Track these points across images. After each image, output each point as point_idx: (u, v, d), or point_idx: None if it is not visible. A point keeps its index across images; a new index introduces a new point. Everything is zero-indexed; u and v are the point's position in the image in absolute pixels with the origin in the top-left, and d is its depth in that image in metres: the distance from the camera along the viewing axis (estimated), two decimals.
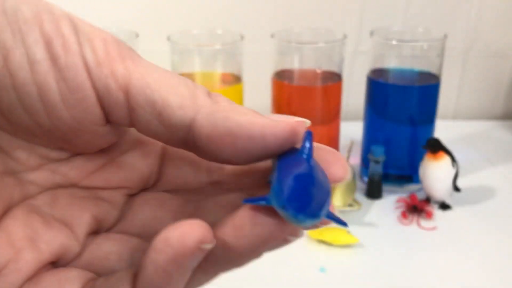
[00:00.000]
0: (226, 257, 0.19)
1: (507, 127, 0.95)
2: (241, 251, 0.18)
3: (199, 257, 0.17)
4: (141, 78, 0.19)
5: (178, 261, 0.17)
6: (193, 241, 0.17)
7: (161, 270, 0.17)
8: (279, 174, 0.18)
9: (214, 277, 0.19)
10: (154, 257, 0.17)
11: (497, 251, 0.59)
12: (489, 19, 0.93)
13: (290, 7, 0.90)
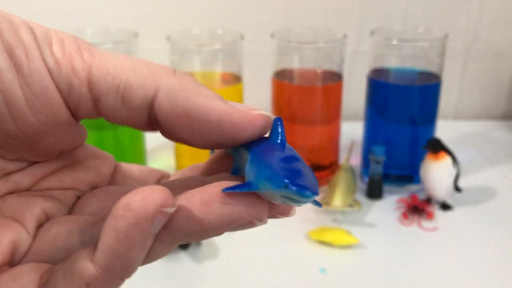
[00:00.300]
0: (188, 229, 0.18)
1: (508, 127, 0.95)
2: (205, 225, 0.18)
3: (160, 222, 0.17)
4: (100, 67, 0.19)
5: (140, 226, 0.17)
6: (154, 205, 0.17)
7: (123, 236, 0.17)
8: (263, 159, 0.18)
9: (173, 247, 0.19)
10: (115, 223, 0.17)
11: (499, 252, 0.59)
12: (489, 19, 0.93)
13: (290, 7, 0.90)
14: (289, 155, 0.19)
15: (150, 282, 0.54)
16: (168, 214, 0.17)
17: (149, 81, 0.19)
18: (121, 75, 0.19)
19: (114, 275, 0.18)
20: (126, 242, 0.17)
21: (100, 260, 0.17)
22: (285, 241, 0.61)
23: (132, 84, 0.19)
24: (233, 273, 0.56)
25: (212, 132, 0.19)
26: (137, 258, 0.18)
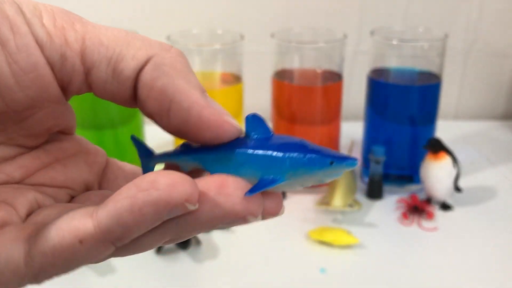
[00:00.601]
0: (183, 219, 0.18)
1: (508, 127, 0.95)
2: (199, 216, 0.18)
3: (176, 213, 0.17)
4: (93, 37, 0.19)
5: (158, 208, 0.16)
6: (181, 195, 0.17)
7: (137, 208, 0.16)
8: (281, 149, 0.18)
9: (161, 242, 0.19)
10: (134, 193, 0.16)
11: (499, 251, 0.59)
12: (489, 19, 0.93)
13: (290, 7, 0.90)
14: (296, 141, 0.19)
15: (151, 281, 0.54)
16: (187, 209, 0.17)
17: (142, 52, 0.19)
18: (114, 46, 0.19)
19: (108, 239, 0.17)
20: (136, 216, 0.17)
21: (102, 220, 0.17)
22: (285, 241, 0.61)
23: (125, 55, 0.19)
24: (233, 273, 0.56)
25: (179, 117, 0.19)
26: (136, 234, 0.17)
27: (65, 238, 0.17)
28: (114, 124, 0.67)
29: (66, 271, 0.18)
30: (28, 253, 0.18)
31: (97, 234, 0.17)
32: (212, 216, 0.18)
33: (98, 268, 0.56)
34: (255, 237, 0.62)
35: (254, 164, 0.19)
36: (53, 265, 0.18)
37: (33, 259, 0.17)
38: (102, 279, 0.54)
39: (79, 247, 0.17)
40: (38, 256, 0.17)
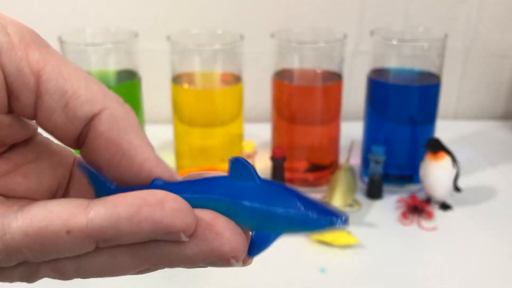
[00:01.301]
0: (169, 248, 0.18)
1: (507, 127, 0.95)
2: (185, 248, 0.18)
3: (168, 238, 0.17)
4: (56, 66, 0.19)
5: (156, 227, 0.17)
6: (182, 224, 0.17)
7: (137, 221, 0.17)
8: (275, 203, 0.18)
9: (137, 266, 0.19)
10: (140, 205, 0.17)
11: (498, 251, 0.59)
12: (489, 19, 0.93)
13: (290, 7, 0.90)
14: (290, 191, 0.19)
15: (151, 281, 0.54)
16: (180, 239, 0.17)
17: (99, 98, 0.19)
18: (73, 82, 0.19)
19: (96, 238, 0.17)
20: (133, 226, 0.17)
21: (97, 218, 0.17)
22: (285, 241, 0.61)
23: (82, 94, 0.19)
24: (233, 273, 0.56)
25: (129, 171, 0.19)
26: (123, 242, 0.18)
27: (53, 223, 0.17)
28: None
29: (39, 258, 0.18)
30: (6, 227, 0.17)
31: (88, 230, 0.17)
32: (197, 251, 0.18)
33: None
34: None
35: (250, 218, 0.18)
36: (30, 248, 0.17)
37: (12, 236, 0.17)
38: (102, 278, 0.54)
39: (64, 237, 0.17)
40: (19, 234, 0.17)
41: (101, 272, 0.19)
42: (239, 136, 0.72)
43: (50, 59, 0.19)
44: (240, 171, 0.19)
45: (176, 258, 0.18)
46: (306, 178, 0.72)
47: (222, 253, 0.18)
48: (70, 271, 0.19)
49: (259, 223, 0.18)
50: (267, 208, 0.18)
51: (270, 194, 0.18)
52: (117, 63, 0.69)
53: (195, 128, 0.69)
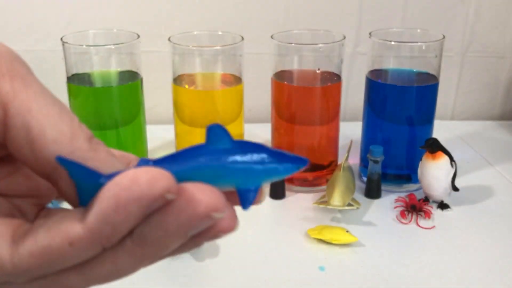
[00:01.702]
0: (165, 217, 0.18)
1: (504, 127, 0.96)
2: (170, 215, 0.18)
3: (158, 205, 0.17)
4: (25, 101, 0.18)
5: (141, 203, 0.17)
6: (161, 187, 0.17)
7: (122, 206, 0.17)
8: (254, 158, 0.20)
9: (141, 263, 0.19)
10: (118, 192, 0.17)
11: (495, 250, 0.60)
12: (486, 20, 0.94)
13: (289, 8, 0.91)
14: (261, 147, 0.21)
15: (152, 280, 0.55)
16: (168, 199, 0.17)
17: (65, 139, 0.18)
18: (40, 119, 0.18)
19: (98, 240, 0.18)
20: (122, 213, 0.17)
21: (90, 223, 0.17)
22: (284, 240, 0.61)
23: (47, 134, 0.18)
24: (233, 271, 0.56)
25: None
26: (124, 231, 0.18)
27: (55, 240, 0.17)
28: (117, 124, 0.68)
29: (53, 271, 0.19)
30: (15, 252, 0.18)
31: (87, 236, 0.17)
32: (179, 223, 0.18)
33: None
34: (254, 236, 0.62)
35: (232, 177, 0.20)
36: (40, 266, 0.18)
37: (20, 258, 0.18)
38: None
39: (69, 249, 0.18)
40: (26, 256, 0.18)
41: (107, 277, 0.20)
42: (240, 136, 0.72)
43: (21, 92, 0.18)
44: (216, 136, 0.20)
45: (166, 240, 0.18)
46: (306, 177, 0.72)
47: (199, 215, 0.18)
48: (76, 282, 0.19)
49: (240, 180, 0.20)
50: (245, 166, 0.20)
51: (245, 153, 0.20)
52: (119, 64, 0.69)
53: (196, 128, 0.70)
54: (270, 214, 0.68)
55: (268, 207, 0.69)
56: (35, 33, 0.88)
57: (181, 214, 0.18)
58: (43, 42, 0.88)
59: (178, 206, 0.18)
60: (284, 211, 0.68)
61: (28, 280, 0.19)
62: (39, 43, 0.89)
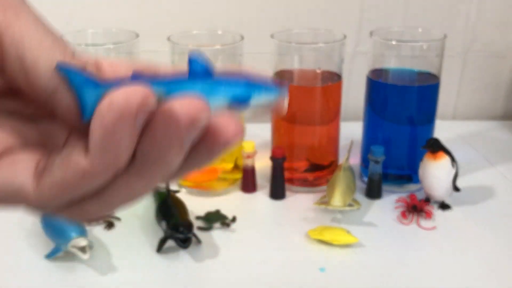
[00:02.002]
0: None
1: (506, 127, 0.96)
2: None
3: (142, 117, 0.18)
4: (17, 32, 0.19)
5: (125, 120, 0.18)
6: (137, 100, 0.17)
7: (110, 131, 0.18)
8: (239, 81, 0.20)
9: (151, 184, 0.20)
10: (101, 120, 0.18)
11: (496, 250, 0.60)
12: (488, 20, 0.94)
13: (290, 7, 0.91)
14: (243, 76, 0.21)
15: (151, 280, 0.54)
16: (148, 110, 0.18)
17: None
18: (33, 50, 0.19)
19: (106, 168, 0.19)
20: (114, 137, 0.18)
21: (92, 154, 0.18)
22: (284, 240, 0.61)
23: (40, 65, 0.19)
24: (232, 272, 0.56)
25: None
26: (125, 154, 0.19)
27: (67, 174, 0.19)
28: None
29: (73, 200, 0.20)
30: (36, 186, 0.19)
31: (94, 167, 0.18)
32: (170, 141, 0.19)
33: (99, 267, 0.56)
34: (254, 236, 0.62)
35: (225, 92, 0.20)
36: (60, 197, 0.19)
37: (41, 190, 0.19)
38: (103, 278, 0.55)
39: (82, 181, 0.19)
40: (47, 189, 0.19)
41: (126, 200, 0.20)
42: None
43: (15, 24, 0.19)
44: (197, 68, 0.20)
45: (165, 154, 0.19)
46: (306, 177, 0.72)
47: (182, 121, 0.18)
48: (99, 208, 0.20)
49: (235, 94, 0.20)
50: (229, 81, 0.20)
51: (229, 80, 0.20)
52: None
53: None
54: (270, 214, 0.68)
55: (269, 208, 0.69)
56: None
57: (166, 125, 0.18)
58: None
59: (162, 118, 0.18)
60: (285, 211, 0.68)
61: (54, 209, 0.20)
62: None
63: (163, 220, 0.59)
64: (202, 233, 0.62)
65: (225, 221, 0.64)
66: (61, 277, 0.55)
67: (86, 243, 0.55)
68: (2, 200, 0.20)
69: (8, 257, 0.58)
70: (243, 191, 0.72)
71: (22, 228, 0.63)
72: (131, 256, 0.58)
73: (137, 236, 0.62)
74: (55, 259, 0.57)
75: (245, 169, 0.71)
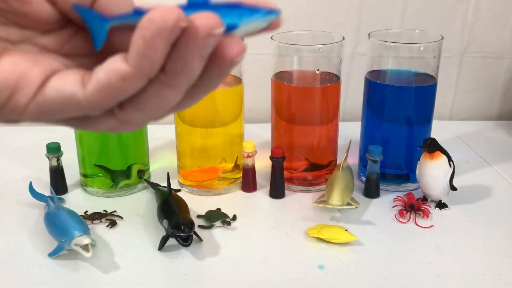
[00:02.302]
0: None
1: (502, 127, 0.96)
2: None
3: (176, 33, 0.22)
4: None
5: (162, 34, 0.21)
6: (172, 18, 0.21)
7: (149, 42, 0.21)
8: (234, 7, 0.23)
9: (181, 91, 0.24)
10: (143, 33, 0.21)
11: (493, 249, 0.60)
12: (484, 21, 0.94)
13: (289, 10, 0.91)
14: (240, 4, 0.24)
15: (153, 278, 0.55)
16: (182, 27, 0.21)
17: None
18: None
19: (142, 73, 0.22)
20: (152, 47, 0.21)
21: (132, 60, 0.22)
22: (284, 239, 0.62)
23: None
24: (232, 269, 0.57)
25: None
26: (159, 61, 0.22)
27: (111, 77, 0.22)
28: None
29: (116, 101, 0.23)
30: (85, 91, 0.23)
31: (133, 70, 0.22)
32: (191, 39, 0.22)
33: (102, 265, 0.57)
34: (254, 234, 0.63)
35: (229, 14, 0.23)
36: (105, 99, 0.23)
37: (90, 94, 0.23)
38: (105, 276, 0.55)
39: (123, 83, 0.22)
40: (94, 92, 0.23)
41: (159, 109, 0.24)
42: (240, 136, 0.73)
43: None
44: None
45: (189, 64, 0.23)
46: (305, 177, 0.73)
47: (203, 33, 0.22)
48: (136, 115, 0.24)
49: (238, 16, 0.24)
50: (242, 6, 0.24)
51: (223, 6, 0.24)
52: None
53: (197, 129, 0.71)
54: (270, 213, 0.68)
55: (268, 207, 0.70)
56: None
57: (188, 37, 0.22)
58: None
59: (186, 33, 0.22)
60: (284, 210, 0.68)
61: (100, 113, 0.24)
62: None
63: (165, 218, 0.60)
64: (203, 231, 0.63)
65: (225, 220, 0.64)
66: (64, 275, 0.56)
67: (89, 241, 0.56)
68: (59, 108, 0.23)
69: (11, 255, 0.59)
70: (243, 190, 0.73)
71: (25, 227, 0.64)
72: (133, 254, 0.59)
73: (139, 235, 0.63)
74: (58, 257, 0.58)
75: (245, 168, 0.71)
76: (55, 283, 0.55)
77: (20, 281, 0.55)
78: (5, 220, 0.65)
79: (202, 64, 0.23)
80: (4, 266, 0.57)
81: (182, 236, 0.57)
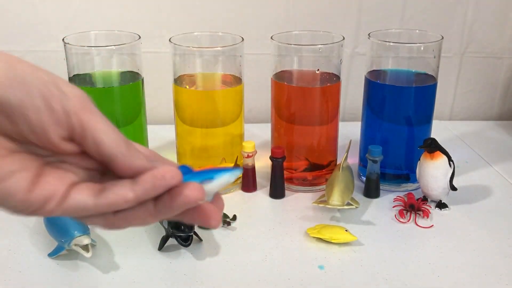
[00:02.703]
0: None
1: (502, 127, 0.97)
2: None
3: (172, 186, 0.30)
4: (93, 123, 0.29)
5: (164, 187, 0.29)
6: (175, 181, 0.29)
7: (155, 187, 0.29)
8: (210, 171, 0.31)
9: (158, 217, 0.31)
10: (154, 181, 0.29)
11: (493, 249, 0.60)
12: (484, 21, 0.94)
13: (289, 10, 0.91)
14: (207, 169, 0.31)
15: (153, 277, 0.55)
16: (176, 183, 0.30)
17: (115, 145, 0.29)
18: (102, 134, 0.29)
19: (139, 201, 0.29)
20: (155, 191, 0.29)
21: (138, 192, 0.29)
22: (284, 239, 0.62)
23: (105, 142, 0.29)
24: (232, 269, 0.57)
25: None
26: (153, 197, 0.30)
27: (118, 199, 0.29)
28: (118, 124, 0.68)
29: (113, 211, 0.30)
30: (96, 202, 0.29)
31: (135, 199, 0.29)
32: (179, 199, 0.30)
33: (102, 265, 0.57)
34: (255, 234, 0.63)
35: (207, 176, 0.31)
36: (110, 209, 0.30)
37: (100, 206, 0.29)
38: (105, 276, 0.55)
39: (124, 204, 0.29)
40: (104, 205, 0.29)
41: (139, 223, 0.31)
42: (240, 136, 0.73)
43: (92, 118, 0.29)
44: (187, 170, 0.31)
45: (170, 210, 0.30)
46: (305, 177, 0.73)
47: (190, 200, 0.29)
48: (121, 222, 0.31)
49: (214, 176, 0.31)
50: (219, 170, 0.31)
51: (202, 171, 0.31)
52: (120, 65, 0.70)
53: (197, 128, 0.71)
54: (270, 213, 0.68)
55: (268, 207, 0.70)
56: (37, 33, 0.89)
57: (177, 199, 0.30)
58: (44, 42, 0.89)
59: (177, 194, 0.30)
60: (284, 210, 0.68)
61: (100, 214, 0.30)
62: (41, 44, 0.89)
63: None
64: (203, 231, 0.63)
65: (225, 220, 0.65)
66: (64, 275, 0.56)
67: (88, 241, 0.56)
68: (74, 212, 0.30)
69: (11, 255, 0.59)
70: (243, 191, 0.73)
71: (25, 227, 0.64)
72: (133, 254, 0.59)
73: (139, 235, 0.63)
74: (58, 257, 0.58)
75: (245, 168, 0.72)
76: (55, 283, 0.55)
77: (20, 281, 0.55)
78: (5, 220, 0.65)
79: (179, 212, 0.31)
80: (4, 266, 0.57)
81: (182, 236, 0.58)
